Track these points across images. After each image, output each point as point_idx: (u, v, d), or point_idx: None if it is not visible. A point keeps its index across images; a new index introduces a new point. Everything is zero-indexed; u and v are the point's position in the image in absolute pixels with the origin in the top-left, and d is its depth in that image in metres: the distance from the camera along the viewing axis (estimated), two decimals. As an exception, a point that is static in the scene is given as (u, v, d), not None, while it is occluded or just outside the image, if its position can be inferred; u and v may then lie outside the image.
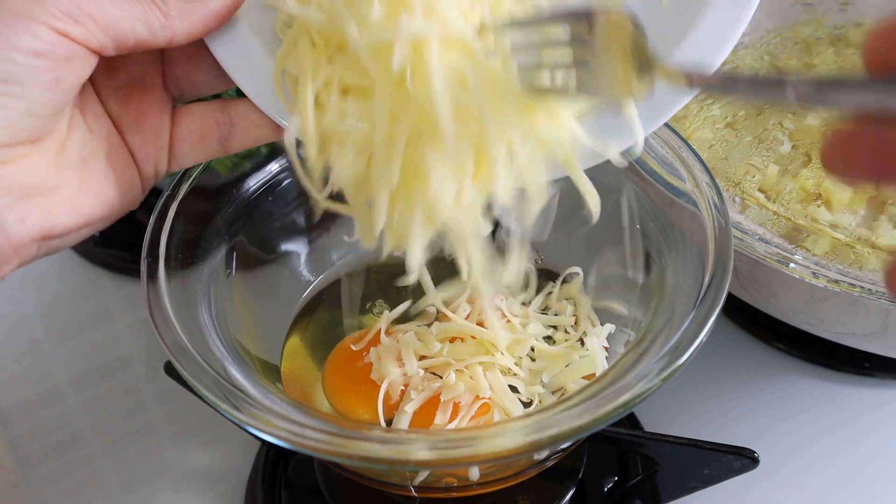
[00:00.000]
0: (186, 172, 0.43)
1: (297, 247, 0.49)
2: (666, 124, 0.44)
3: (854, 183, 0.28)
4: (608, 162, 0.47)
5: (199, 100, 0.39)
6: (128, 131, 0.37)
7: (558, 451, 0.42)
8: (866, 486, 0.52)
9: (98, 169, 0.35)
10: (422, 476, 0.40)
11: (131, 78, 0.37)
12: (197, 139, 0.38)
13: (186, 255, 0.41)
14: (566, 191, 0.45)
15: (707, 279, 0.37)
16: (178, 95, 0.38)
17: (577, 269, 0.47)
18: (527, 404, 0.42)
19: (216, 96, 0.40)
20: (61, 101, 0.32)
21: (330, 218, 0.50)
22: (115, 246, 0.65)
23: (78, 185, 0.34)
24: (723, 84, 0.29)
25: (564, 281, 0.47)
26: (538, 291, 0.48)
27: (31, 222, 0.32)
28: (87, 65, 0.32)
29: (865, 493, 0.51)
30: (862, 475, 0.52)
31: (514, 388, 0.42)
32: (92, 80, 0.36)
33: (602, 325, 0.45)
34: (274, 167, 0.47)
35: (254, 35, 0.37)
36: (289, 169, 0.47)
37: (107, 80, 0.36)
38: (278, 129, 0.37)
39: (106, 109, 0.36)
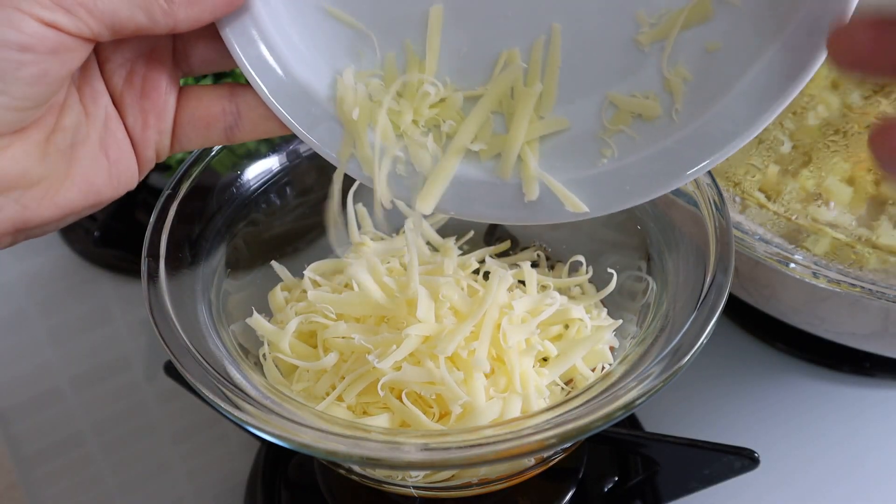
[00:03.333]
0: (187, 172, 0.43)
1: (297, 247, 0.48)
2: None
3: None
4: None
5: (206, 78, 0.37)
6: (129, 112, 0.34)
7: (559, 452, 0.42)
8: (866, 485, 0.52)
9: (89, 156, 0.33)
10: (421, 475, 0.40)
11: (140, 52, 0.34)
12: (202, 126, 0.36)
13: (186, 255, 0.41)
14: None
15: (708, 280, 0.37)
16: (188, 71, 0.36)
17: (581, 258, 0.47)
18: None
19: (224, 74, 0.38)
20: (47, 94, 0.30)
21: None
22: (115, 246, 0.65)
23: (63, 175, 0.32)
24: None
25: (571, 270, 0.48)
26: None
27: (6, 216, 0.30)
28: (79, 55, 0.30)
29: (865, 493, 0.51)
30: (862, 475, 0.52)
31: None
32: (98, 54, 0.33)
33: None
34: (274, 167, 0.47)
35: (271, 20, 0.35)
36: (289, 169, 0.47)
37: (113, 54, 0.34)
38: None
39: (109, 87, 0.34)
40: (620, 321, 0.43)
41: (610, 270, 0.45)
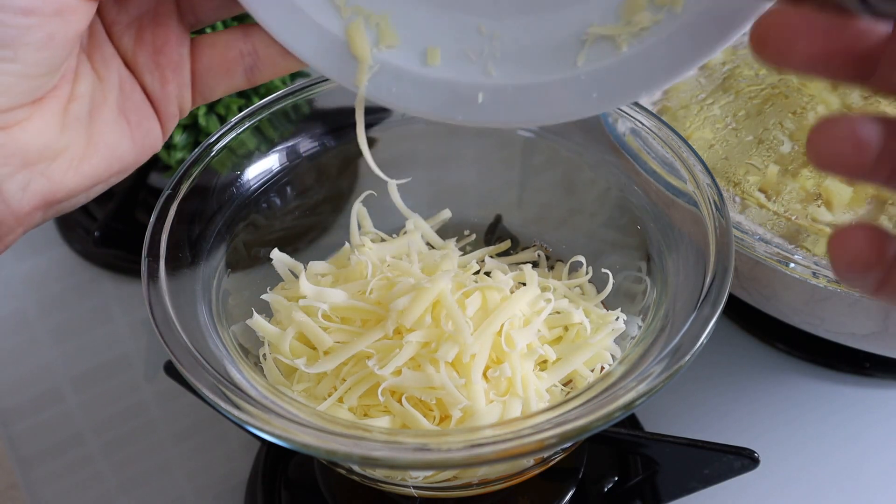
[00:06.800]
0: (186, 172, 0.43)
1: (297, 247, 0.49)
2: (666, 124, 0.44)
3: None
4: (606, 160, 0.47)
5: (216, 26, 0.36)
6: (145, 71, 0.34)
7: (558, 452, 0.42)
8: (866, 486, 0.52)
9: (109, 121, 0.33)
10: (421, 475, 0.40)
11: (143, 9, 0.34)
12: (222, 72, 0.35)
13: (186, 255, 0.41)
14: (569, 186, 0.46)
15: (708, 280, 0.37)
16: (195, 22, 0.35)
17: (581, 259, 0.47)
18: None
19: (236, 19, 0.38)
20: (58, 58, 0.30)
21: (330, 218, 0.51)
22: (115, 246, 0.65)
23: (85, 143, 0.32)
24: None
25: (571, 269, 0.48)
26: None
27: (34, 190, 0.30)
28: (83, 15, 0.30)
29: (865, 493, 0.51)
30: (862, 475, 0.52)
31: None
32: (102, 17, 0.33)
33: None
34: (274, 167, 0.47)
35: None
36: (289, 169, 0.47)
37: (118, 15, 0.33)
38: None
39: (119, 50, 0.34)
40: (623, 327, 0.43)
41: (605, 271, 0.45)
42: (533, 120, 0.38)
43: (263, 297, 0.44)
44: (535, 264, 0.49)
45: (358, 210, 0.48)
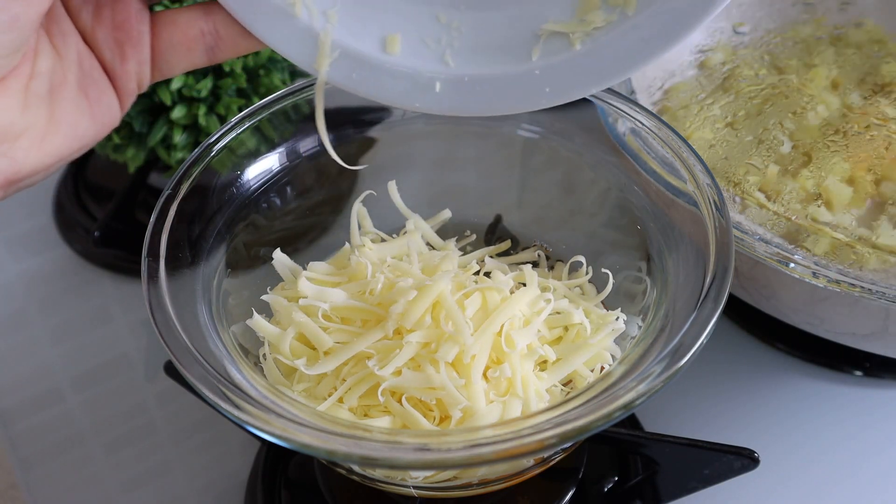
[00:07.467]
0: (186, 172, 0.43)
1: (297, 247, 0.48)
2: (666, 124, 0.44)
3: None
4: (606, 160, 0.47)
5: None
6: (104, 48, 0.34)
7: (559, 452, 0.42)
8: (866, 486, 0.52)
9: (69, 98, 0.33)
10: (422, 475, 0.40)
11: None
12: (183, 50, 0.35)
13: (186, 255, 0.41)
14: (569, 186, 0.46)
15: (708, 280, 0.37)
16: None
17: (581, 259, 0.47)
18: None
19: None
20: (21, 39, 0.30)
21: (330, 218, 0.51)
22: (115, 246, 0.65)
23: (46, 122, 0.32)
24: None
25: (571, 269, 0.48)
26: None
27: None
28: None
29: (865, 493, 0.51)
30: (862, 475, 0.52)
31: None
32: None
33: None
34: (274, 167, 0.47)
35: None
36: (289, 169, 0.47)
37: None
38: None
39: (78, 26, 0.34)
40: (623, 327, 0.43)
41: (605, 271, 0.45)
42: (489, 110, 0.39)
43: (263, 297, 0.44)
44: (535, 264, 0.49)
45: (358, 210, 0.48)
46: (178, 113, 0.58)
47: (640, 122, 0.45)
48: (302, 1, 0.36)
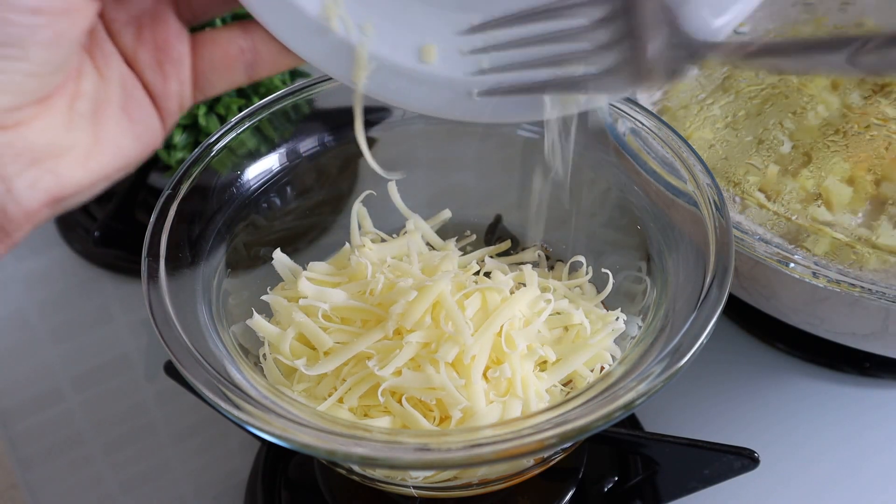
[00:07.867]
0: (187, 172, 0.43)
1: (297, 247, 0.49)
2: (666, 124, 0.44)
3: None
4: (606, 160, 0.47)
5: (213, 23, 0.37)
6: (146, 69, 0.35)
7: (559, 452, 0.42)
8: (866, 486, 0.52)
9: (112, 118, 0.34)
10: (422, 475, 0.40)
11: (141, 7, 0.34)
12: (222, 69, 0.36)
13: (186, 255, 0.41)
14: (568, 187, 0.46)
15: (708, 280, 0.37)
16: (191, 19, 0.36)
17: (581, 259, 0.47)
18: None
19: (235, 17, 0.38)
20: (65, 57, 0.31)
21: (330, 218, 0.51)
22: (115, 246, 0.65)
23: (91, 140, 0.33)
24: (767, 52, 0.27)
25: (571, 270, 0.48)
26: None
27: (43, 188, 0.31)
28: (88, 14, 0.31)
29: (865, 493, 0.51)
30: (862, 475, 0.52)
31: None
32: (101, 16, 0.34)
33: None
34: (274, 167, 0.47)
35: None
36: (289, 169, 0.47)
37: (116, 13, 0.34)
38: None
39: (120, 48, 0.34)
40: (623, 327, 0.43)
41: (605, 271, 0.45)
42: (530, 116, 0.39)
43: (263, 297, 0.44)
44: (535, 264, 0.49)
45: (358, 210, 0.48)
46: (178, 113, 0.58)
47: (640, 122, 0.45)
48: (337, 15, 0.36)
